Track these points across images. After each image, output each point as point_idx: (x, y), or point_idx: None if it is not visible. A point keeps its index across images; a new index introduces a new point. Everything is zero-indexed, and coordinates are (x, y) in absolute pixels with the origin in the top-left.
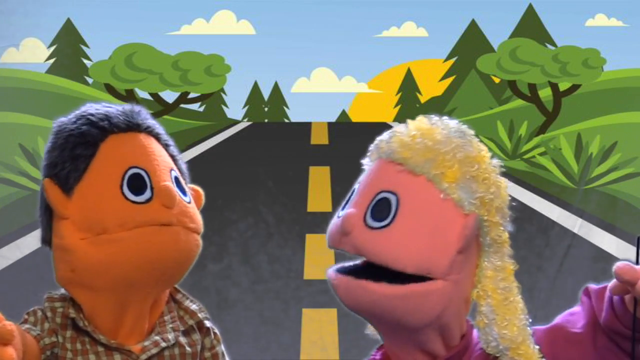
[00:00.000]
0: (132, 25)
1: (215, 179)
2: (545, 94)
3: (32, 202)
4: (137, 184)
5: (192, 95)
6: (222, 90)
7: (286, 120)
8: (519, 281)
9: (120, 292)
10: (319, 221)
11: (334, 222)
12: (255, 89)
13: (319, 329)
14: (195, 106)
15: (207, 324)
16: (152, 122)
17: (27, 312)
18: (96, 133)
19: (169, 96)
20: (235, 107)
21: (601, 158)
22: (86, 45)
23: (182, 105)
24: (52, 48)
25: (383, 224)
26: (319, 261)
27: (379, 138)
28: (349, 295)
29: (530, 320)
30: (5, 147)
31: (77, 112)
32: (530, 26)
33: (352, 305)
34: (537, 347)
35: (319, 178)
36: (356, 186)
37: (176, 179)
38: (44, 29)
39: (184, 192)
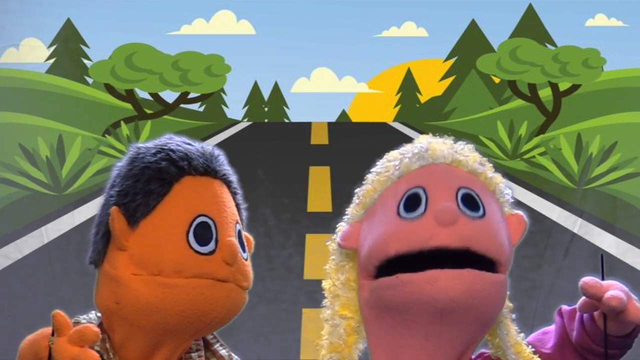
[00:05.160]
0: (132, 25)
1: None
2: (545, 94)
3: (32, 202)
4: (203, 233)
5: (192, 95)
6: (222, 90)
7: (286, 120)
8: (519, 281)
9: (157, 335)
10: (319, 221)
11: (400, 226)
12: (255, 89)
13: (319, 329)
14: (195, 106)
15: None
16: (227, 168)
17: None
18: (174, 172)
19: (169, 96)
20: (235, 107)
21: (601, 158)
22: (86, 45)
23: (182, 105)
24: (52, 48)
25: (479, 214)
26: (319, 261)
27: (415, 147)
28: (457, 284)
29: (531, 319)
30: (5, 147)
31: (158, 142)
32: (530, 26)
33: (457, 294)
34: (532, 348)
35: (319, 178)
36: (412, 191)
37: (239, 232)
38: (44, 29)
39: (243, 248)
